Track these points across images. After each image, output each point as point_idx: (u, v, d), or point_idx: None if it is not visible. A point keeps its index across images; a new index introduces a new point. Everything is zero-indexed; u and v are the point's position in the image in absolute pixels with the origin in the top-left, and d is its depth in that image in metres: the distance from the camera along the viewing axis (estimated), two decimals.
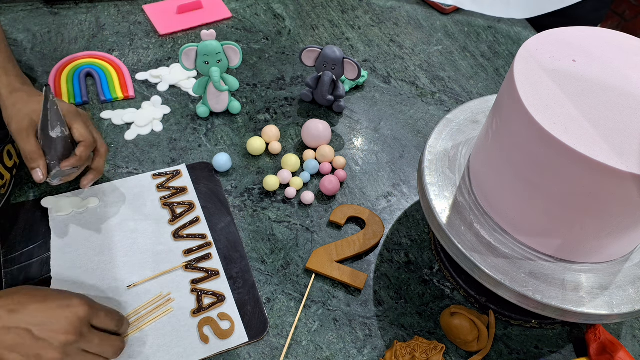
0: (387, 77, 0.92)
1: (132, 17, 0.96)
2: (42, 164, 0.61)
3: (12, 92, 0.64)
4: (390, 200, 0.74)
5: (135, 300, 0.61)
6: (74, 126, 0.63)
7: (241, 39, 0.95)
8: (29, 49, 0.87)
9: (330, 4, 1.05)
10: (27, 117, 0.61)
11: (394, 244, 0.70)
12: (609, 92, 0.48)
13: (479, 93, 0.91)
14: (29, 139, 0.61)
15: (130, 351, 0.57)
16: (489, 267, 0.52)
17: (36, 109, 0.62)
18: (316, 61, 0.79)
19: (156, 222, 0.68)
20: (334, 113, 0.85)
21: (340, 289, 0.65)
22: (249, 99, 0.85)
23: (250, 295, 0.63)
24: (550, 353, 0.62)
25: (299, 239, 0.69)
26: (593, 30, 0.54)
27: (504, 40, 1.02)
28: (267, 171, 0.76)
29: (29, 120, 0.61)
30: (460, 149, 0.63)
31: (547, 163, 0.47)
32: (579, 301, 0.51)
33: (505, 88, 0.51)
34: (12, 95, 0.64)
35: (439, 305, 0.65)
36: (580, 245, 0.52)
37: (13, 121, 0.62)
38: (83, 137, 0.63)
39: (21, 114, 0.61)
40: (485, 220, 0.57)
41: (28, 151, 0.60)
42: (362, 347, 0.61)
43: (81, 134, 0.62)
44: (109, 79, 0.84)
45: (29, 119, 0.61)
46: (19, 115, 0.61)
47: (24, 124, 0.61)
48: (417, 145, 0.82)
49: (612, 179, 0.44)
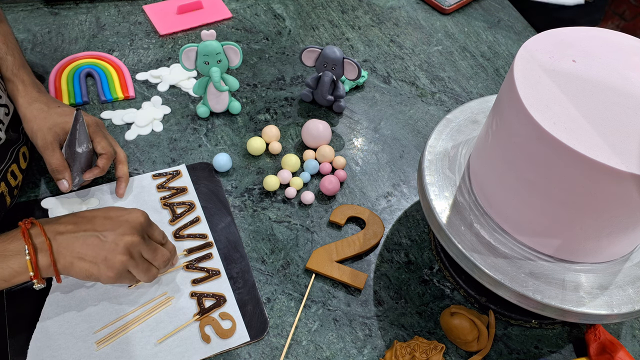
0: (387, 77, 0.92)
1: (132, 17, 0.96)
2: (68, 175, 0.65)
3: (30, 103, 0.67)
4: (390, 200, 0.74)
5: (136, 301, 0.61)
6: (96, 139, 0.67)
7: (241, 39, 0.95)
8: (29, 49, 0.87)
9: (330, 4, 1.05)
10: (50, 132, 0.65)
11: (394, 244, 0.70)
12: (609, 92, 0.48)
13: (479, 93, 0.91)
14: (54, 153, 0.65)
15: (131, 351, 0.57)
16: (489, 267, 0.52)
17: (58, 122, 0.65)
18: (316, 61, 0.79)
19: (156, 222, 0.68)
20: (334, 113, 0.85)
21: (340, 289, 0.65)
22: (249, 99, 0.85)
23: (250, 295, 0.63)
24: (550, 353, 0.62)
25: (299, 239, 0.69)
26: (593, 30, 0.54)
27: (504, 40, 1.02)
28: (267, 171, 0.76)
29: (52, 135, 0.65)
30: (460, 149, 0.63)
31: (547, 163, 0.47)
32: (578, 301, 0.51)
33: (505, 88, 0.51)
34: (31, 107, 0.66)
35: (439, 305, 0.65)
36: (580, 245, 0.52)
37: (37, 136, 0.65)
38: (105, 150, 0.67)
39: (44, 129, 0.65)
40: (485, 220, 0.57)
41: (55, 164, 0.64)
42: (362, 347, 0.61)
43: (103, 147, 0.67)
44: (109, 79, 0.84)
45: (53, 133, 0.65)
46: (43, 130, 0.65)
47: (48, 139, 0.65)
48: (417, 145, 0.82)
49: (612, 179, 0.44)
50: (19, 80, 0.68)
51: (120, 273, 0.54)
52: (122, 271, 0.54)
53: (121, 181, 0.69)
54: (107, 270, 0.53)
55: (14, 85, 0.67)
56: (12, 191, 0.66)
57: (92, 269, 0.53)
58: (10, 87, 0.68)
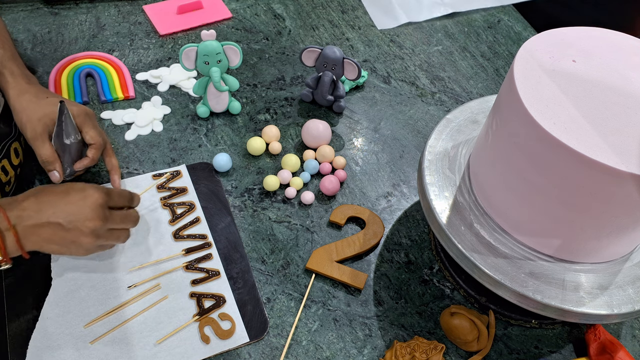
0: (387, 77, 0.92)
1: (132, 17, 0.96)
2: (59, 166, 0.65)
3: (20, 94, 0.66)
4: (390, 200, 0.74)
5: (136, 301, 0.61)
6: (85, 129, 0.66)
7: (241, 39, 0.95)
8: (29, 49, 0.87)
9: (330, 4, 1.05)
10: (40, 123, 0.64)
11: (394, 244, 0.70)
12: (609, 92, 0.48)
13: (479, 93, 0.91)
14: (44, 144, 0.64)
15: (130, 352, 0.57)
16: (489, 267, 0.52)
17: (47, 113, 0.64)
18: (316, 61, 0.79)
19: (156, 222, 0.68)
20: (334, 113, 0.85)
21: (340, 289, 0.65)
22: (249, 99, 0.85)
23: (250, 295, 0.63)
24: (550, 353, 0.62)
25: (299, 239, 0.69)
26: (593, 30, 0.54)
27: (504, 40, 1.02)
28: (267, 171, 0.76)
29: (42, 126, 0.64)
30: (460, 149, 0.63)
31: (547, 163, 0.47)
32: (578, 301, 0.51)
33: (505, 88, 0.51)
34: (20, 98, 0.66)
35: (439, 305, 0.65)
36: (580, 245, 0.52)
37: (27, 128, 0.64)
38: (94, 140, 0.66)
39: (34, 120, 0.64)
40: (485, 220, 0.57)
41: (45, 156, 0.64)
42: (362, 347, 0.61)
43: (92, 137, 0.66)
44: (109, 79, 0.84)
45: (42, 124, 0.64)
46: (32, 122, 0.64)
47: (38, 130, 0.64)
48: (417, 145, 0.82)
49: (612, 179, 0.44)
50: (8, 72, 0.67)
51: (91, 250, 0.56)
52: (93, 248, 0.56)
53: (113, 173, 0.69)
54: (78, 250, 0.56)
55: (3, 77, 0.67)
56: (2, 187, 0.65)
57: (63, 250, 0.55)
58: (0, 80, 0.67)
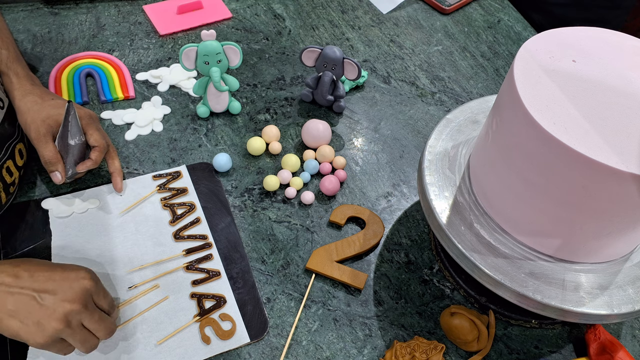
0: (387, 77, 0.92)
1: (132, 17, 0.96)
2: (61, 167, 0.65)
3: (24, 95, 0.66)
4: (390, 200, 0.74)
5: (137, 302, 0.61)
6: (89, 132, 0.67)
7: (241, 39, 0.95)
8: (29, 49, 0.87)
9: (330, 4, 1.05)
10: (43, 124, 0.64)
11: (394, 244, 0.70)
12: (609, 92, 0.48)
13: (479, 93, 0.91)
14: (47, 145, 0.64)
15: (131, 352, 0.57)
16: (489, 267, 0.52)
17: (51, 114, 0.65)
18: (316, 61, 0.79)
19: (157, 223, 0.68)
20: (334, 113, 0.85)
21: (340, 289, 0.65)
22: (249, 99, 0.85)
23: (250, 296, 0.63)
24: (550, 353, 0.62)
25: (299, 239, 0.69)
26: (593, 31, 0.54)
27: (504, 40, 1.02)
28: (267, 171, 0.76)
29: (46, 127, 0.64)
30: (460, 149, 0.63)
31: (547, 163, 0.47)
32: (578, 301, 0.51)
33: (505, 88, 0.51)
34: (24, 99, 0.66)
35: (439, 305, 0.65)
36: (580, 245, 0.52)
37: (31, 129, 0.64)
38: (97, 143, 0.67)
39: (38, 121, 0.64)
40: (485, 220, 0.57)
41: (48, 157, 0.64)
42: (362, 347, 0.61)
43: (96, 139, 0.67)
44: (109, 79, 0.84)
45: (46, 126, 0.64)
46: (36, 122, 0.64)
47: (41, 131, 0.64)
48: (417, 145, 0.82)
49: (612, 179, 0.44)
50: (13, 73, 0.67)
51: (51, 340, 0.49)
52: (54, 339, 0.49)
53: (115, 176, 0.69)
54: (37, 335, 0.48)
55: (8, 78, 0.67)
56: (7, 188, 0.65)
57: (21, 330, 0.48)
58: (4, 81, 0.68)
